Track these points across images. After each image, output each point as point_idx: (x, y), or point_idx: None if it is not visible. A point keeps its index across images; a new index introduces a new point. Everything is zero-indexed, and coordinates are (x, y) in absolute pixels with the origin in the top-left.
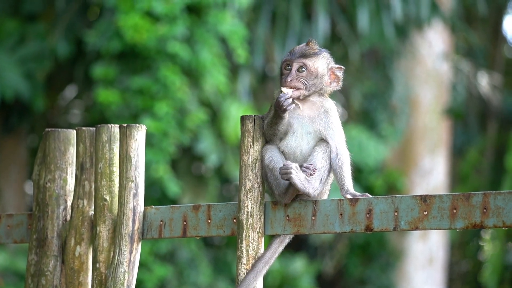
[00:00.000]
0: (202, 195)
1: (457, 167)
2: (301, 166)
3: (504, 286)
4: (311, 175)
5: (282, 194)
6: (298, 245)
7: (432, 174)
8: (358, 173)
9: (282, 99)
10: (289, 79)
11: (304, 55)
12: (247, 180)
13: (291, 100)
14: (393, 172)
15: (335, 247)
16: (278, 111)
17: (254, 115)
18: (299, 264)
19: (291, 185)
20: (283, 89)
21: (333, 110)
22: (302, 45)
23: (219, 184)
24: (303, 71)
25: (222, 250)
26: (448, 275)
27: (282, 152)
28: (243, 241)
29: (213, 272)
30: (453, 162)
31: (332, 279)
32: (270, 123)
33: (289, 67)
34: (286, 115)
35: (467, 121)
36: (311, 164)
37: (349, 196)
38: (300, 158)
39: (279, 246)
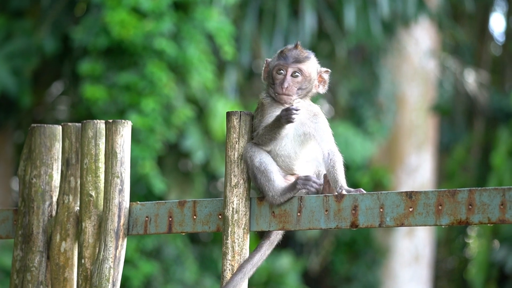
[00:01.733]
0: (189, 191)
1: (443, 165)
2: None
3: (491, 283)
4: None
5: (277, 196)
6: (284, 242)
7: (418, 171)
8: (345, 170)
9: (293, 115)
10: (285, 85)
11: (298, 60)
12: (232, 176)
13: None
14: (379, 169)
15: (321, 244)
16: (283, 120)
17: (240, 111)
18: (285, 261)
19: (290, 190)
20: (295, 104)
21: (321, 112)
22: (290, 47)
23: (206, 181)
24: (297, 76)
25: (208, 246)
26: (434, 273)
27: (275, 155)
28: (229, 237)
29: (199, 268)
30: (439, 160)
31: (318, 276)
32: (270, 130)
33: (282, 72)
34: (290, 125)
35: (454, 118)
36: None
37: (344, 192)
38: (294, 160)
39: (268, 249)
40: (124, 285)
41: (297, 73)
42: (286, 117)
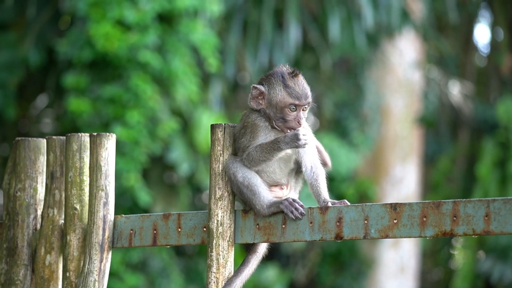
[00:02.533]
0: (174, 204)
1: (428, 176)
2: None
3: None
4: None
5: (264, 209)
6: (270, 253)
7: (403, 183)
8: (329, 181)
9: (306, 142)
10: (302, 122)
11: (308, 97)
12: (217, 188)
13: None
14: (364, 181)
15: (307, 255)
16: (291, 145)
17: (224, 124)
18: (271, 273)
19: (276, 206)
20: (301, 130)
21: (307, 126)
22: (295, 81)
23: (191, 193)
24: (306, 109)
25: (194, 259)
26: (419, 284)
27: (260, 171)
28: (213, 250)
29: (185, 281)
30: (424, 171)
31: (304, 287)
32: (267, 153)
33: (294, 109)
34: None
35: (439, 129)
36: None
37: (329, 204)
38: (278, 175)
39: (255, 262)
40: None
41: (306, 107)
42: (297, 143)
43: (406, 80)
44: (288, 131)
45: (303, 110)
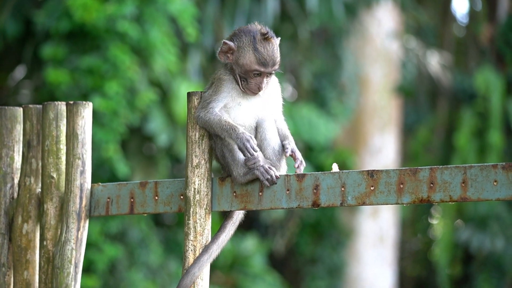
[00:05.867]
0: (153, 174)
1: (407, 146)
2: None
3: (455, 264)
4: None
5: (240, 176)
6: (249, 224)
7: (382, 153)
8: (309, 151)
9: (272, 181)
10: (263, 87)
11: (275, 63)
12: (193, 156)
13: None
14: (343, 151)
15: (286, 225)
16: (238, 143)
17: (201, 91)
18: (250, 243)
19: (252, 174)
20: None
21: (276, 82)
22: (269, 44)
23: (170, 164)
24: (271, 74)
25: (173, 229)
26: (399, 254)
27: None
28: (191, 218)
29: (164, 251)
30: (403, 141)
31: (283, 257)
32: (224, 129)
33: (258, 74)
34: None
35: (417, 99)
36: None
37: (287, 148)
38: (250, 131)
39: (231, 229)
40: (89, 269)
41: (272, 73)
42: (268, 179)
43: (384, 50)
44: (248, 91)
45: (267, 76)
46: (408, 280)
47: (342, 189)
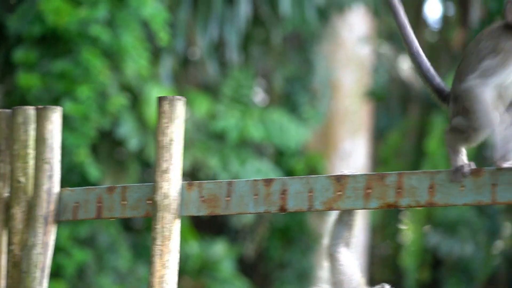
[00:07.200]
0: (123, 179)
1: (378, 150)
2: None
3: (424, 269)
4: None
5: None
6: (219, 228)
7: (352, 157)
8: (279, 156)
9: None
10: None
11: None
12: (162, 161)
13: None
14: (314, 155)
15: (256, 230)
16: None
17: (171, 96)
18: (219, 248)
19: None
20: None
21: None
22: None
23: (140, 168)
24: None
25: (142, 234)
26: (368, 259)
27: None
28: (158, 223)
29: (133, 256)
30: (374, 145)
31: (253, 262)
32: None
33: None
34: None
35: (389, 104)
36: None
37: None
38: None
39: None
40: (57, 273)
41: None
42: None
43: (356, 55)
44: None
45: None
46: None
47: (310, 194)
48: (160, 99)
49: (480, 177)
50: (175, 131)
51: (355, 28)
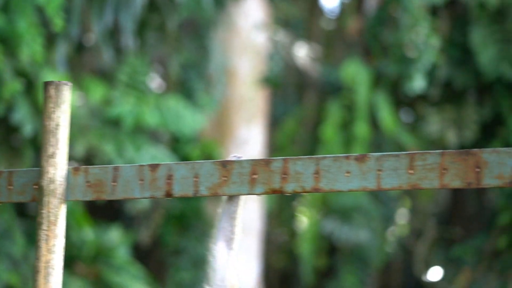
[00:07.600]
0: (18, 165)
1: (274, 138)
2: None
3: (320, 256)
4: None
5: None
6: (114, 215)
7: (248, 144)
8: (175, 143)
9: None
10: None
11: None
12: (48, 146)
13: None
14: (210, 142)
15: (151, 216)
16: None
17: (57, 81)
18: (114, 235)
19: None
20: None
21: None
22: None
23: (35, 154)
24: None
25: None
26: (264, 245)
27: None
28: (44, 207)
29: (28, 242)
30: (270, 133)
31: (148, 249)
32: None
33: None
34: None
35: (285, 91)
36: None
37: None
38: None
39: None
40: None
41: None
42: None
43: (251, 42)
44: None
45: None
46: (273, 272)
47: (195, 179)
48: (46, 84)
49: (365, 163)
50: (62, 116)
51: (251, 15)
